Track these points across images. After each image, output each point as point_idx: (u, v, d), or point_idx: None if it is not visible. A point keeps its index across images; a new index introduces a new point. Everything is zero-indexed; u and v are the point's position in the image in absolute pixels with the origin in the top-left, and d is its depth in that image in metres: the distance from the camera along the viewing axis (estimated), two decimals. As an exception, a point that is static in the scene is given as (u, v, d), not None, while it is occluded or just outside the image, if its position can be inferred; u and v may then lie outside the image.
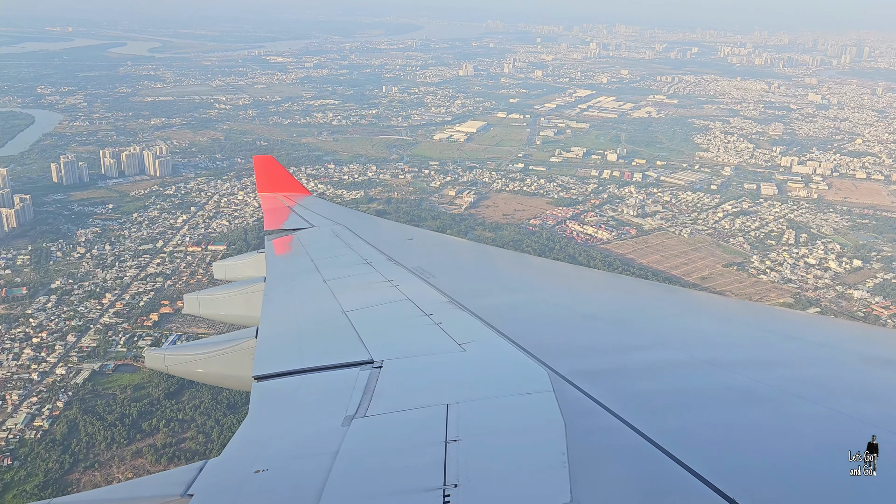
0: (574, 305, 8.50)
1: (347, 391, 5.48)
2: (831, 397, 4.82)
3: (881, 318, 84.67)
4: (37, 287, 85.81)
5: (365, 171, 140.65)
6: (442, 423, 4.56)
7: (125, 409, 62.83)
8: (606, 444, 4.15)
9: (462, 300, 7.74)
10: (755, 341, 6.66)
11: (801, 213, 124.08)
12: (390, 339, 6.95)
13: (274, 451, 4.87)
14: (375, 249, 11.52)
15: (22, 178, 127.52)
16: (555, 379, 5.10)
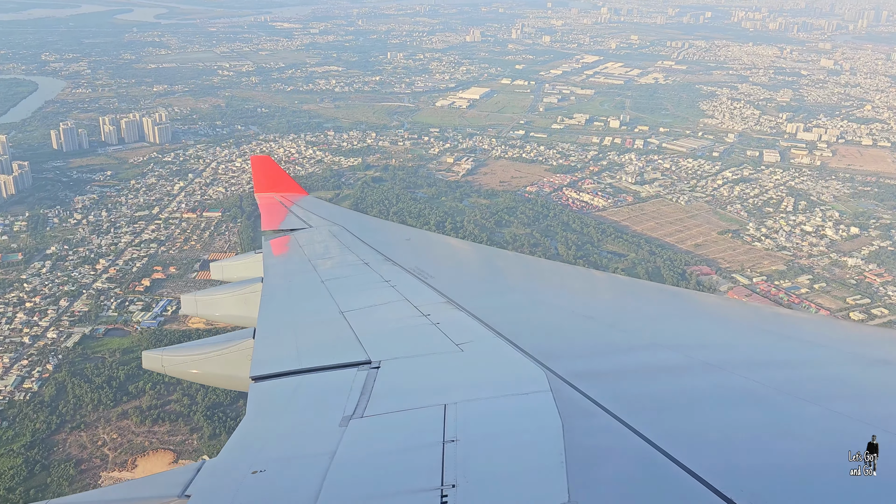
0: (571, 306, 8.54)
1: (345, 392, 5.47)
2: (828, 398, 4.81)
3: (873, 286, 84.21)
4: (32, 253, 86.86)
5: (364, 138, 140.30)
6: (440, 423, 4.55)
7: (113, 371, 63.95)
8: (604, 444, 4.15)
9: (460, 301, 7.74)
10: (752, 342, 6.69)
11: (802, 180, 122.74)
12: (388, 339, 6.96)
13: (271, 451, 4.88)
14: (373, 250, 11.53)
15: (22, 145, 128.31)
16: (552, 379, 5.08)
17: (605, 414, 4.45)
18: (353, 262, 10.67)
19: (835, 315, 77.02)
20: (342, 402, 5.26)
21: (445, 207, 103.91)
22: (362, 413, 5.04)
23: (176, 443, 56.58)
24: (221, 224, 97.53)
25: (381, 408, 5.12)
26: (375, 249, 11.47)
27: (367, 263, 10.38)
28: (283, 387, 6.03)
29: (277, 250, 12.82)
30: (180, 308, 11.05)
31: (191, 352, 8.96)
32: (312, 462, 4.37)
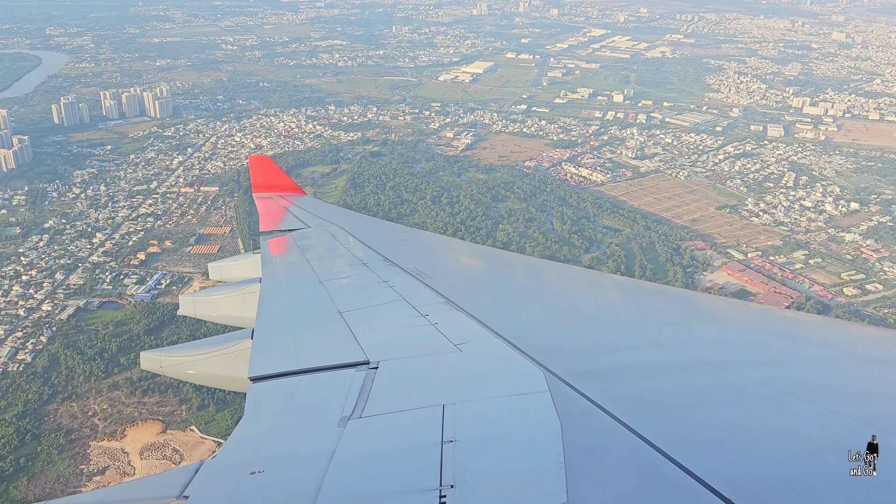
0: (570, 306, 8.53)
1: (343, 392, 5.45)
2: (827, 397, 4.81)
3: (869, 261, 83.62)
4: (30, 226, 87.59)
5: (365, 113, 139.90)
6: (438, 423, 4.55)
7: (105, 343, 64.71)
8: (603, 444, 4.15)
9: (458, 301, 7.70)
10: (750, 341, 6.70)
11: (805, 155, 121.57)
12: (386, 339, 6.94)
13: (270, 452, 4.86)
14: (371, 250, 11.50)
15: (24, 119, 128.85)
16: (551, 379, 5.07)
17: (603, 414, 4.45)
18: (352, 263, 10.72)
19: (828, 290, 76.73)
20: (340, 403, 5.25)
21: (442, 182, 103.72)
22: (360, 413, 5.04)
23: (165, 413, 57.37)
24: (218, 199, 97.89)
25: (379, 408, 5.11)
26: (373, 249, 11.46)
27: (365, 264, 10.38)
28: (282, 387, 6.04)
29: (276, 251, 12.81)
30: (179, 308, 10.41)
31: (189, 353, 8.98)
32: (311, 462, 4.39)
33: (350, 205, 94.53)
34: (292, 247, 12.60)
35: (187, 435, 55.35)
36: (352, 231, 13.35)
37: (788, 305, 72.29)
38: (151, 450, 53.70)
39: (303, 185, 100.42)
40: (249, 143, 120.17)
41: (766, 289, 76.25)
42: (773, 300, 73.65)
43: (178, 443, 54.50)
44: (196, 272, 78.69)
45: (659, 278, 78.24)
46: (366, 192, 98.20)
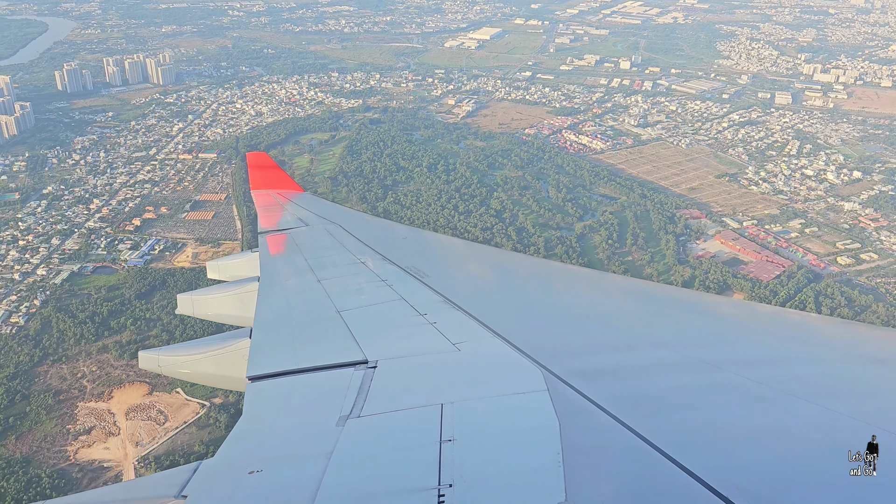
0: (568, 305, 8.56)
1: (342, 391, 5.44)
2: (826, 396, 4.80)
3: (867, 231, 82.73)
4: (29, 192, 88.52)
5: (368, 80, 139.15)
6: (436, 423, 4.55)
7: (97, 307, 65.69)
8: (601, 443, 4.15)
9: (456, 300, 7.69)
10: (748, 341, 6.70)
11: (811, 123, 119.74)
12: (384, 339, 6.93)
13: (268, 451, 4.87)
14: (369, 248, 11.49)
15: (28, 85, 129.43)
16: (549, 378, 5.06)
17: (601, 413, 4.44)
18: (350, 261, 10.69)
19: (821, 259, 76.12)
20: (339, 402, 5.22)
21: (440, 149, 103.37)
22: (359, 413, 5.01)
23: (152, 376, 58.28)
24: (216, 166, 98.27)
25: (377, 407, 5.09)
26: (372, 248, 11.45)
27: (363, 262, 10.37)
28: (280, 387, 6.01)
29: (273, 249, 12.73)
30: (177, 307, 10.33)
31: (187, 352, 9.00)
32: (309, 462, 4.37)
33: (346, 172, 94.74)
34: (290, 245, 12.60)
35: (173, 397, 56.38)
36: (350, 229, 13.29)
37: (780, 274, 71.87)
38: (137, 411, 54.80)
39: (300, 152, 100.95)
40: (250, 111, 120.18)
41: (758, 257, 75.75)
42: (764, 269, 73.26)
43: (163, 404, 55.55)
44: (190, 238, 79.38)
45: (651, 246, 78.04)
46: (362, 159, 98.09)
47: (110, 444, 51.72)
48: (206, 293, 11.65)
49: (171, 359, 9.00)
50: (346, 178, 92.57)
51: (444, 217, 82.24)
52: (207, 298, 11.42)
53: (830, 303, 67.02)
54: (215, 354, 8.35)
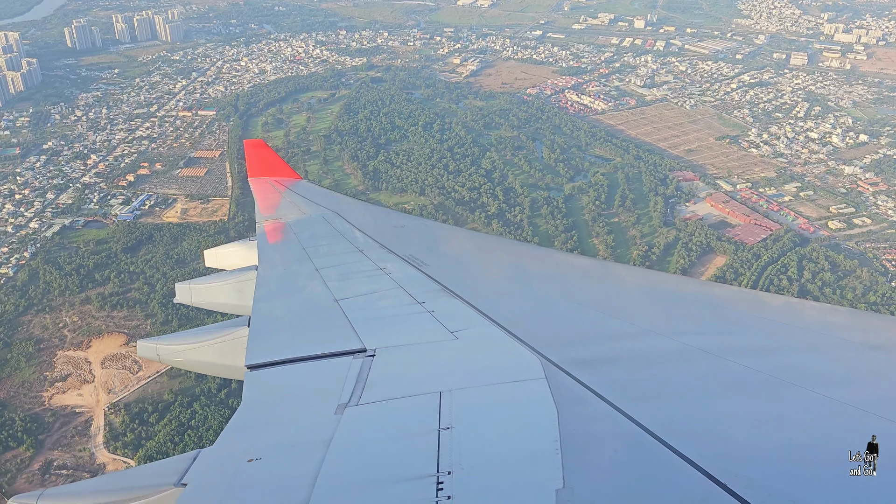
0: (566, 293, 8.54)
1: (340, 380, 5.45)
2: (823, 384, 4.82)
3: (864, 195, 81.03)
4: (30, 147, 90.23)
5: (375, 38, 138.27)
6: (435, 410, 4.58)
7: (83, 260, 67.28)
8: (599, 431, 4.16)
9: (454, 288, 7.68)
10: (746, 328, 6.71)
11: (824, 84, 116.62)
12: (383, 327, 6.91)
13: (267, 439, 4.89)
14: (367, 237, 11.47)
15: (39, 42, 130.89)
16: (547, 367, 5.08)
17: (599, 401, 4.45)
18: (348, 250, 10.62)
19: (812, 223, 74.87)
20: (337, 391, 5.22)
21: (438, 108, 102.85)
22: (357, 401, 5.03)
23: (130, 327, 59.92)
24: (214, 123, 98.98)
25: (376, 396, 5.09)
26: (370, 236, 11.42)
27: (361, 251, 10.29)
28: (279, 375, 6.01)
29: (272, 237, 12.71)
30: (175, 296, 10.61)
31: (185, 341, 8.96)
32: (308, 450, 4.38)
33: (341, 130, 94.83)
34: (288, 234, 12.57)
35: (148, 348, 57.78)
36: (348, 217, 13.24)
37: (766, 238, 70.93)
38: (112, 360, 56.42)
39: (299, 110, 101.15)
40: (254, 68, 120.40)
41: (746, 221, 74.74)
42: (751, 232, 72.34)
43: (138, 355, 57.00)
44: (181, 194, 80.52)
45: (639, 208, 77.35)
46: (359, 117, 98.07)
47: (84, 391, 53.43)
48: (204, 282, 11.60)
49: (170, 347, 9.03)
50: (340, 137, 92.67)
51: (433, 176, 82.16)
52: (205, 287, 11.38)
53: (814, 267, 66.09)
54: (214, 343, 8.35)
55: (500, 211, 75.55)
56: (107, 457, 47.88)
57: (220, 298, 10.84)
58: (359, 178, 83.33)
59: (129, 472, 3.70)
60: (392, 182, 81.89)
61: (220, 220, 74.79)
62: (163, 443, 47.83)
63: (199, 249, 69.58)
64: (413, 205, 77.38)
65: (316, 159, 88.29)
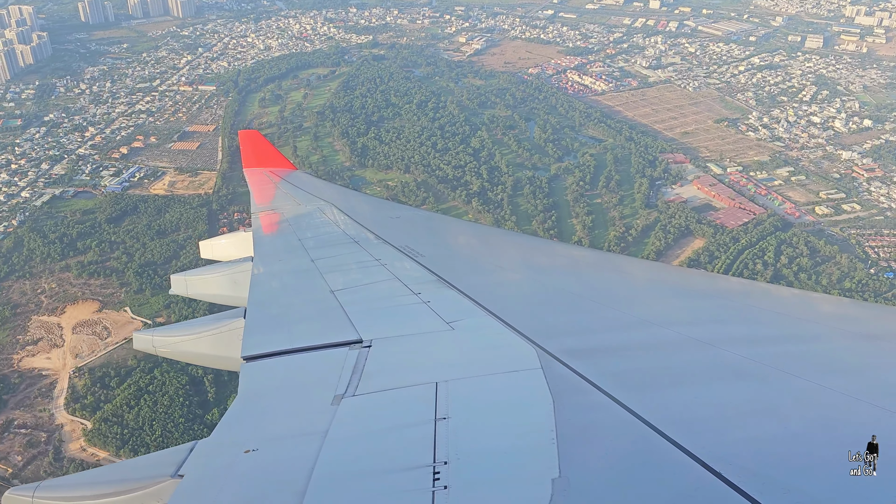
0: (562, 284, 8.57)
1: (336, 371, 5.47)
2: (819, 373, 4.84)
3: (857, 181, 79.28)
4: (32, 119, 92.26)
5: (384, 16, 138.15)
6: (431, 401, 4.59)
7: (67, 229, 68.94)
8: (595, 420, 4.17)
9: (450, 279, 7.69)
10: (742, 318, 6.75)
11: (837, 68, 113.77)
12: (379, 318, 6.94)
13: (264, 431, 4.92)
14: (363, 227, 11.51)
15: (54, 16, 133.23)
16: (543, 356, 5.10)
17: (595, 391, 4.46)
18: (343, 241, 10.65)
19: (798, 208, 73.55)
20: (334, 381, 5.26)
21: (435, 87, 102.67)
22: (354, 392, 5.06)
23: (105, 294, 61.43)
24: (213, 98, 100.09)
25: (372, 386, 5.12)
26: (365, 227, 11.51)
27: (356, 242, 10.35)
28: (275, 366, 6.04)
29: (267, 229, 12.82)
30: (170, 288, 11.52)
31: (181, 332, 8.97)
32: (305, 441, 4.40)
33: (336, 107, 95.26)
34: (284, 225, 12.67)
35: (120, 315, 59.32)
36: (343, 208, 13.29)
37: (748, 222, 69.92)
38: (84, 326, 57.96)
39: (298, 86, 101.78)
40: (259, 45, 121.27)
41: (731, 204, 73.69)
42: (733, 216, 71.36)
43: (109, 321, 58.55)
44: (171, 167, 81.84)
45: (624, 189, 76.69)
46: (355, 94, 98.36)
47: (53, 354, 55.06)
48: (200, 273, 11.62)
49: (166, 339, 8.97)
50: (334, 113, 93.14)
51: (420, 154, 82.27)
52: (201, 279, 11.39)
53: (791, 252, 65.06)
54: (210, 335, 8.32)
55: (482, 189, 75.49)
56: (65, 417, 49.44)
57: (216, 290, 10.93)
58: (346, 155, 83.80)
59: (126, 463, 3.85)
60: (379, 159, 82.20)
61: (205, 194, 75.87)
62: (119, 406, 49.21)
63: (181, 221, 70.96)
64: (396, 182, 77.70)
65: (307, 135, 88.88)
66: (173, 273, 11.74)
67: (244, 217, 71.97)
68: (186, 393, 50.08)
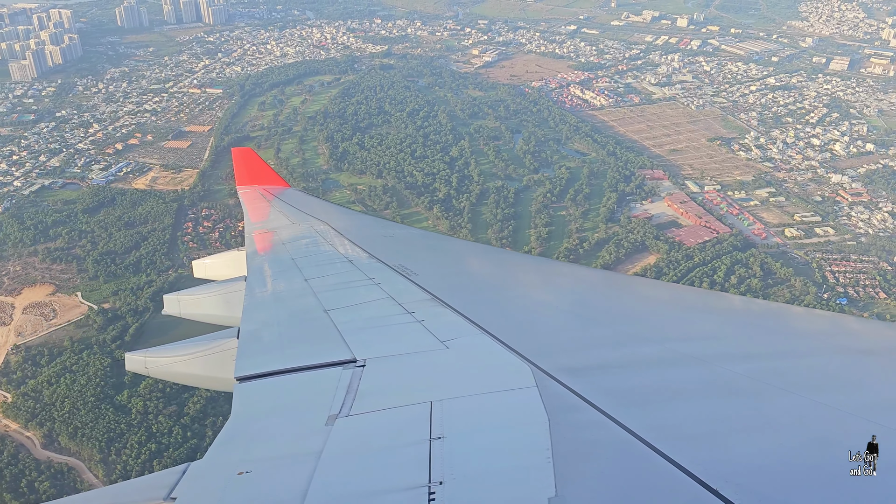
0: (557, 302, 8.66)
1: (330, 391, 5.46)
2: (812, 389, 4.86)
3: (839, 205, 76.41)
4: (44, 114, 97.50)
5: (406, 28, 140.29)
6: (426, 420, 4.59)
7: (45, 217, 72.65)
8: (590, 438, 4.16)
9: (444, 297, 7.69)
10: (736, 335, 6.77)
11: (855, 91, 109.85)
12: (373, 337, 6.91)
13: (257, 452, 4.89)
14: (356, 246, 11.49)
15: (95, 20, 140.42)
16: (538, 375, 5.10)
17: (591, 409, 4.45)
18: (337, 260, 10.68)
19: (768, 229, 71.34)
20: (328, 402, 5.24)
21: (432, 97, 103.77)
22: (348, 412, 5.04)
23: (62, 279, 64.52)
24: (217, 101, 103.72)
25: (367, 406, 5.11)
26: (359, 246, 11.48)
27: (350, 261, 10.34)
28: (268, 387, 6.01)
29: (260, 247, 12.73)
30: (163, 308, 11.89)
31: (174, 353, 8.82)
32: (299, 462, 4.37)
33: (330, 112, 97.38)
34: (277, 244, 12.60)
35: (71, 299, 62.20)
36: (337, 227, 13.30)
37: (708, 240, 68.30)
38: (34, 307, 61.03)
39: (300, 92, 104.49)
40: (277, 51, 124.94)
41: (697, 222, 72.07)
42: (695, 234, 69.82)
43: (59, 304, 61.47)
44: (157, 164, 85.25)
45: (592, 203, 75.95)
46: (351, 101, 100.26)
47: (-3, 332, 58.23)
48: (193, 293, 11.59)
49: (158, 360, 8.93)
50: (325, 119, 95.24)
51: (396, 160, 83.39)
52: (193, 298, 11.37)
53: (744, 272, 63.24)
54: (202, 355, 8.31)
55: (448, 197, 75.98)
56: (-10, 390, 52.37)
57: (209, 310, 10.88)
58: (326, 158, 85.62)
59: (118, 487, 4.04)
60: (355, 163, 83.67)
61: (181, 190, 78.72)
62: (40, 382, 51.68)
63: (150, 214, 73.84)
64: (366, 186, 78.95)
65: (294, 138, 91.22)
66: (165, 294, 11.78)
67: (211, 213, 74.54)
68: (105, 375, 52.15)
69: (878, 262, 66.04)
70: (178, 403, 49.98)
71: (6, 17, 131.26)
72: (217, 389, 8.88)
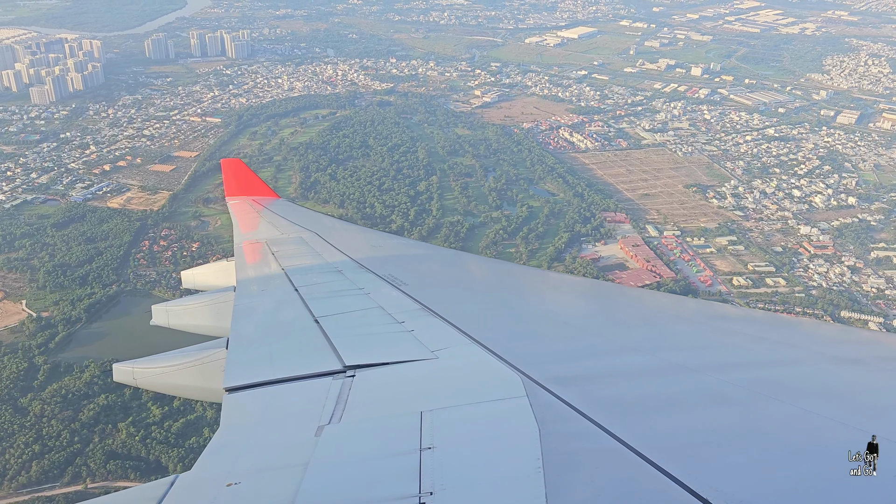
0: (547, 311, 8.70)
1: (320, 401, 5.45)
2: (800, 397, 4.87)
3: (799, 256, 74.24)
4: (49, 135, 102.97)
5: (417, 68, 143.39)
6: (416, 430, 4.57)
7: (14, 229, 76.42)
8: (581, 448, 4.16)
9: (434, 307, 7.73)
10: (724, 344, 6.79)
11: (855, 145, 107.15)
12: (363, 347, 6.89)
13: (246, 463, 4.87)
14: (346, 256, 11.49)
15: (126, 52, 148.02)
16: (528, 384, 5.10)
17: (581, 418, 4.47)
18: (326, 270, 10.67)
19: (716, 277, 69.76)
20: (317, 412, 5.24)
21: (418, 133, 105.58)
22: (338, 422, 5.05)
23: (13, 287, 67.62)
24: (213, 129, 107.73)
25: (356, 416, 5.11)
26: (348, 256, 11.51)
27: (340, 270, 10.37)
28: (258, 397, 6.00)
29: (250, 258, 12.74)
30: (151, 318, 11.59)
31: (162, 364, 8.72)
32: (288, 472, 4.35)
33: (314, 144, 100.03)
34: (266, 254, 12.54)
35: (15, 306, 65.07)
36: (326, 237, 13.36)
37: (648, 284, 67.21)
38: (-23, 311, 64.14)
39: (293, 124, 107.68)
40: (285, 85, 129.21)
41: (644, 266, 71.07)
42: (637, 277, 68.86)
43: (2, 310, 64.40)
44: (136, 185, 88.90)
45: (544, 241, 75.78)
46: (338, 134, 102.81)
47: (-64, 332, 61.27)
48: (181, 304, 11.58)
49: (146, 370, 8.84)
50: (307, 150, 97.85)
51: (361, 192, 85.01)
52: (182, 308, 11.35)
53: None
54: (191, 366, 8.26)
55: (401, 228, 76.92)
56: (-88, 386, 55.00)
57: (198, 320, 10.81)
58: (296, 187, 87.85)
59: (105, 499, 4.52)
60: (321, 193, 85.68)
61: (149, 210, 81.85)
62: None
63: (112, 231, 76.80)
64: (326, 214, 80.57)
65: (273, 166, 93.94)
66: (154, 304, 11.61)
67: (170, 234, 77.18)
68: (16, 378, 54.27)
69: (822, 316, 63.80)
70: (74, 409, 51.60)
71: (42, 46, 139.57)
72: (207, 400, 9.26)
